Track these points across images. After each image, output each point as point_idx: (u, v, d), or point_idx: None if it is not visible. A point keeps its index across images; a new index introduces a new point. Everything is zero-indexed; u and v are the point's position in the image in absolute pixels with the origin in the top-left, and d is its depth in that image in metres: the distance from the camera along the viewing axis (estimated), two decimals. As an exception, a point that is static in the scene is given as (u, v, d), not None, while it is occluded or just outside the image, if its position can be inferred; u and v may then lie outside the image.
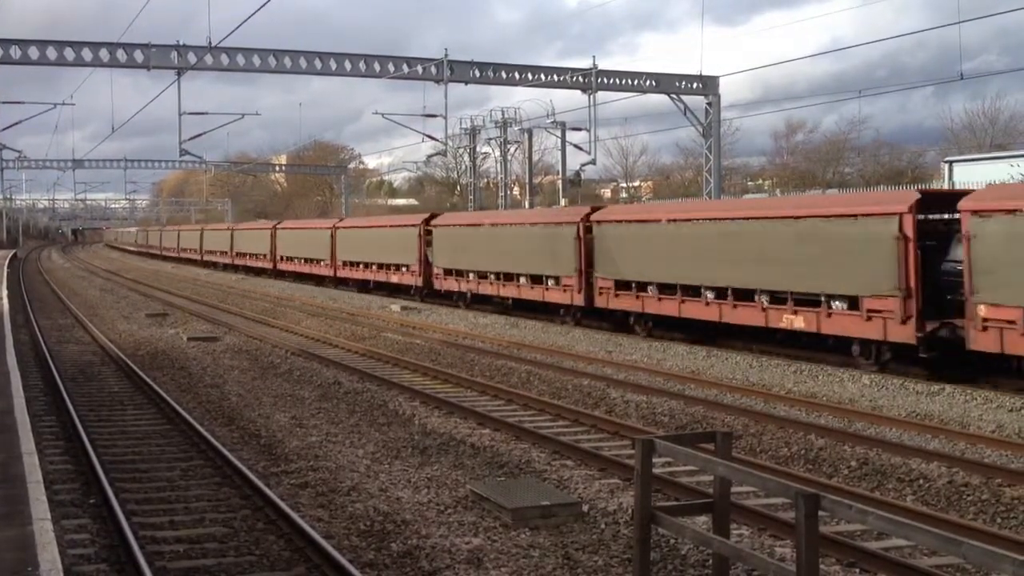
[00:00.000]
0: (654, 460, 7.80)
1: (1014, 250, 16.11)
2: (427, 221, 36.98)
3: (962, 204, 17.34)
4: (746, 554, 7.19)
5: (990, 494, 10.72)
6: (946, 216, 19.21)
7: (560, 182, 51.73)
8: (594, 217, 27.09)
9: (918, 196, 18.23)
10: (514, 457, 12.63)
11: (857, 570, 8.48)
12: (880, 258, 18.17)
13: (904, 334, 17.94)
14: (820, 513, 6.06)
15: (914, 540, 5.97)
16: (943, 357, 17.92)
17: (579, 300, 27.05)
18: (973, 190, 18.70)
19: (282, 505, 9.99)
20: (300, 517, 9.64)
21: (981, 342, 16.68)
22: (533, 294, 29.45)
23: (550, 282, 28.46)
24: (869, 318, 18.51)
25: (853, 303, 18.93)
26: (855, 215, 19.12)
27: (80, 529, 9.55)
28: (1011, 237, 16.20)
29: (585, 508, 10.23)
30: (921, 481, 11.30)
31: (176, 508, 10.38)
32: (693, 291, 23.07)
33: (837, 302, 19.26)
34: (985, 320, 16.49)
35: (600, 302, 26.34)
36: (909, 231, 17.81)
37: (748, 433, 13.82)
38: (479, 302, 33.36)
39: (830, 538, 8.71)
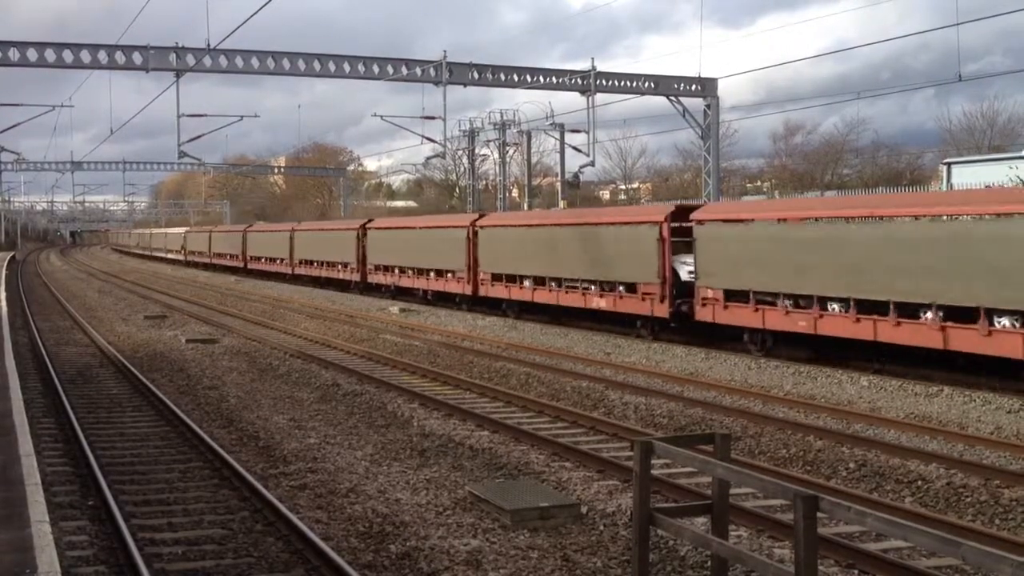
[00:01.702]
0: (653, 462, 7.80)
1: None
2: (475, 222, 33.47)
3: None
4: (745, 555, 7.19)
5: (989, 495, 10.72)
6: None
7: (559, 184, 51.75)
8: (694, 216, 23.34)
9: None
10: (513, 459, 12.63)
11: (856, 571, 8.48)
12: None
13: None
14: (819, 514, 6.07)
15: (913, 541, 5.97)
16: None
17: (662, 311, 23.80)
18: None
19: (280, 507, 9.99)
20: (299, 519, 9.64)
21: None
22: (602, 303, 26.03)
23: (622, 289, 25.22)
24: None
25: None
26: None
27: (79, 531, 9.54)
28: None
29: (584, 509, 10.24)
30: (920, 482, 11.30)
31: (175, 510, 10.38)
32: (825, 303, 19.58)
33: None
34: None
35: (703, 314, 22.64)
36: None
37: (747, 435, 13.83)
38: (530, 311, 30.29)
39: (829, 539, 8.72)
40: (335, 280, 45.65)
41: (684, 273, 23.56)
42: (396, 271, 38.95)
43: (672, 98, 42.45)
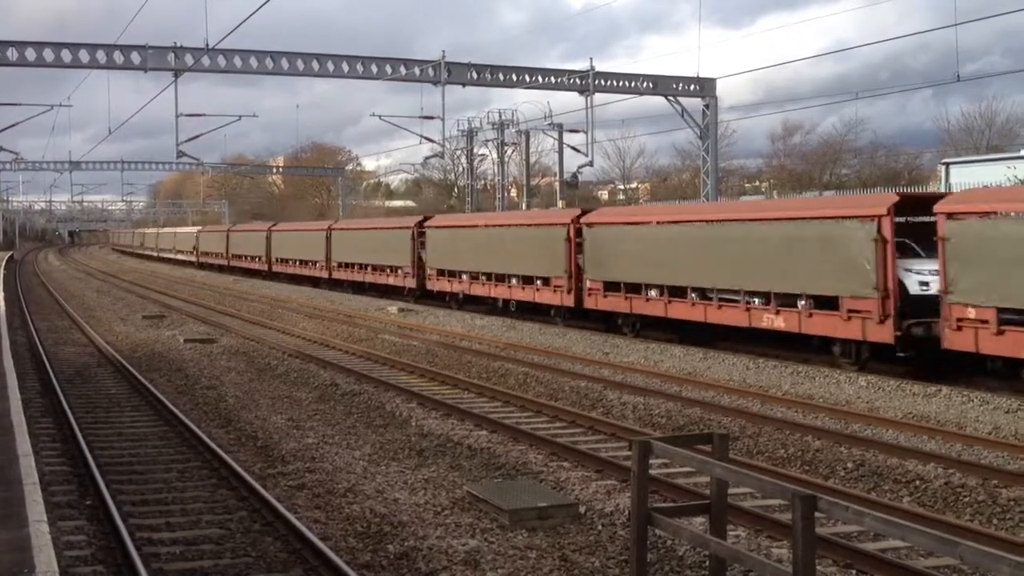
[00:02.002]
0: (651, 461, 7.80)
1: None
2: (577, 218, 28.18)
3: None
4: (743, 555, 7.20)
5: (986, 495, 10.73)
6: None
7: (557, 184, 51.79)
8: (942, 207, 17.76)
9: None
10: (511, 459, 12.63)
11: (854, 571, 8.49)
12: None
13: None
14: (817, 514, 6.07)
15: (911, 541, 5.97)
16: None
17: (881, 334, 18.37)
18: None
19: (279, 507, 9.99)
20: (297, 518, 9.64)
21: None
22: (779, 322, 20.66)
23: (809, 304, 20.02)
24: None
25: None
26: None
27: (76, 531, 9.54)
28: None
29: (582, 509, 10.24)
30: (918, 482, 11.31)
31: (173, 510, 10.37)
32: None
33: None
34: None
35: (959, 341, 17.06)
36: None
37: (745, 434, 13.83)
38: (658, 328, 25.08)
39: (827, 539, 8.71)
40: (382, 286, 41.10)
41: (913, 284, 18.69)
42: (465, 277, 33.68)
43: (671, 98, 42.47)
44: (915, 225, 19.17)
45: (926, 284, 18.45)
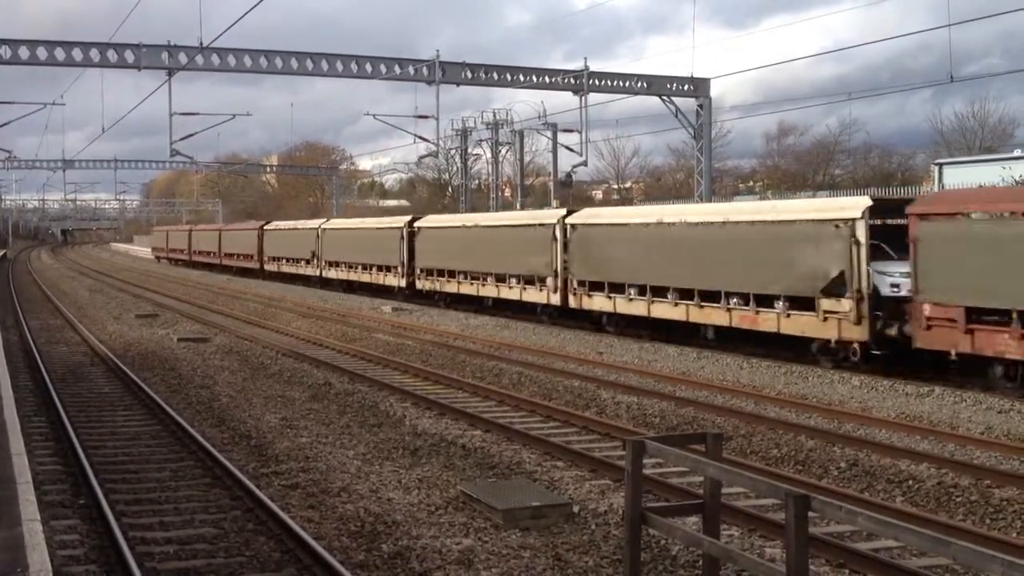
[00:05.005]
0: (644, 461, 7.82)
1: None
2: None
3: None
4: (736, 554, 7.22)
5: (979, 495, 10.76)
6: None
7: (551, 183, 51.81)
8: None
9: None
10: (505, 458, 12.63)
11: (846, 571, 8.50)
12: None
13: None
14: (810, 514, 6.09)
15: (903, 541, 5.99)
16: None
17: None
18: None
19: (272, 506, 9.98)
20: (290, 518, 9.64)
21: None
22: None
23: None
24: None
25: None
26: None
27: (70, 530, 9.52)
28: None
29: (576, 509, 10.24)
30: (910, 482, 11.33)
31: (166, 509, 10.36)
32: None
33: None
34: None
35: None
36: None
37: (738, 434, 13.85)
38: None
39: (820, 539, 8.73)
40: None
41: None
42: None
43: (664, 98, 42.50)
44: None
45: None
